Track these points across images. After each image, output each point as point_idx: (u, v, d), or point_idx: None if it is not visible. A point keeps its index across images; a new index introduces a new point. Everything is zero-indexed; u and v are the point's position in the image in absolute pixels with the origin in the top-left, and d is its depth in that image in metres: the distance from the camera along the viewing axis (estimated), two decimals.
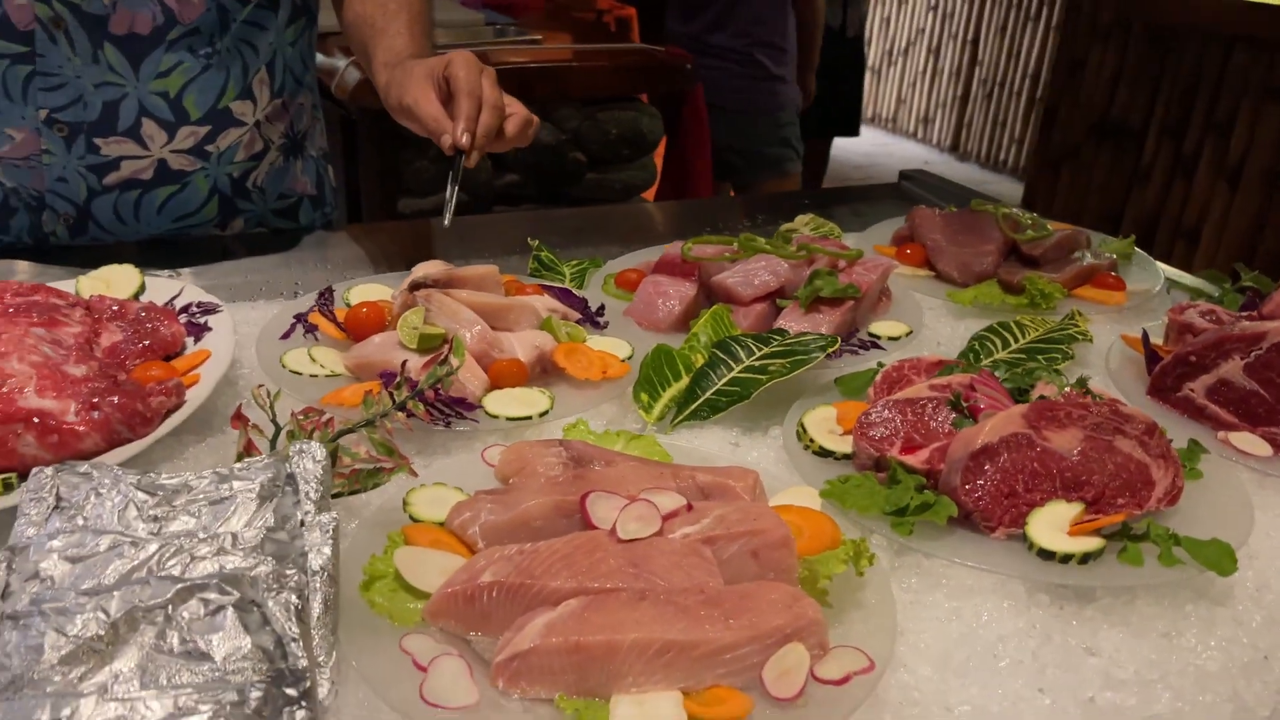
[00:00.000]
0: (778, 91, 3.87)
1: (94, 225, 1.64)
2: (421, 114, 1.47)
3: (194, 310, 1.31)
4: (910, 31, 8.81)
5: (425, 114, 1.47)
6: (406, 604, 0.91)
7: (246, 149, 1.70)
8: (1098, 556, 1.00)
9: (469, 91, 1.44)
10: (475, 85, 1.45)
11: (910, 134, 8.95)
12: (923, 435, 1.14)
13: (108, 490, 0.91)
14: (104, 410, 1.03)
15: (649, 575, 0.90)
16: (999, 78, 8.12)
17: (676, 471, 1.06)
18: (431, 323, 1.29)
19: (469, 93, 1.44)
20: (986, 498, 1.05)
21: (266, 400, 1.10)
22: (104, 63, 1.50)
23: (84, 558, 0.83)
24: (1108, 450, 1.08)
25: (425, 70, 1.49)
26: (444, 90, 1.49)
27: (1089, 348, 1.50)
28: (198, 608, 0.78)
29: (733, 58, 3.82)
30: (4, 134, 1.52)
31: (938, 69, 8.61)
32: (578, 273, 1.67)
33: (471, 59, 1.48)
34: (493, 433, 1.20)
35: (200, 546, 0.85)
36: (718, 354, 1.32)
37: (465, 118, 1.43)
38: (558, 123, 3.18)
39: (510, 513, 0.98)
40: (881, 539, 1.05)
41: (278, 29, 1.66)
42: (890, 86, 9.10)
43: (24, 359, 1.06)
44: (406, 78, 1.50)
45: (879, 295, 1.56)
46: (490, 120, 1.45)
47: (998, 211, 1.78)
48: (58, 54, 1.47)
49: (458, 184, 1.50)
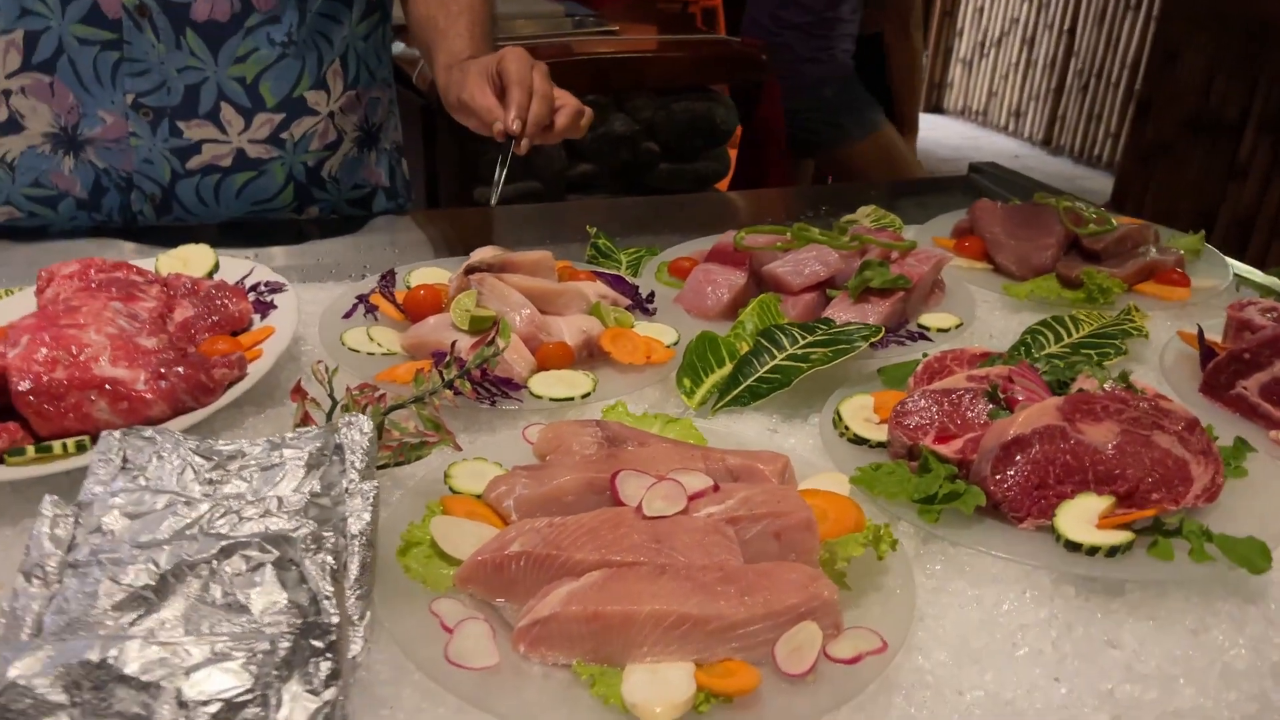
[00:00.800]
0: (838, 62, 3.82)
1: (178, 206, 1.73)
2: (476, 106, 1.54)
3: (262, 289, 1.38)
4: (1004, 21, 8.62)
5: (479, 105, 1.53)
6: (440, 570, 0.95)
7: (321, 139, 1.77)
8: (1126, 550, 1.00)
9: (519, 82, 1.50)
10: (525, 77, 1.51)
11: (1001, 127, 8.76)
12: (958, 425, 1.14)
13: (169, 454, 0.98)
14: (170, 380, 1.10)
15: (670, 551, 0.93)
16: (1096, 69, 7.90)
17: (707, 454, 1.08)
18: (483, 306, 1.34)
19: (519, 83, 1.50)
20: (1015, 488, 1.05)
21: (325, 376, 1.16)
22: (186, 49, 1.58)
23: (142, 514, 0.90)
24: (1145, 445, 1.08)
25: (480, 68, 1.56)
26: (497, 85, 1.55)
27: (1144, 344, 1.48)
28: (240, 564, 0.83)
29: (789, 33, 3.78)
30: (96, 116, 1.61)
31: (1031, 60, 8.41)
32: (634, 260, 1.70)
33: (522, 54, 1.54)
34: (537, 412, 1.24)
35: (248, 508, 0.91)
36: (762, 342, 1.34)
37: (516, 105, 1.49)
38: (632, 113, 3.22)
39: (543, 487, 1.02)
40: (909, 526, 1.06)
41: (350, 23, 1.73)
42: (981, 78, 8.91)
43: (101, 330, 1.13)
44: (464, 76, 1.57)
45: (931, 287, 1.56)
46: (540, 110, 1.51)
47: (1059, 205, 1.76)
48: (144, 41, 1.56)
49: (506, 168, 1.57)
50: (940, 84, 9.40)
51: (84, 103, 1.60)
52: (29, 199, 1.69)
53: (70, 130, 1.62)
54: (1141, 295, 1.63)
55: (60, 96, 1.59)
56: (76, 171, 1.67)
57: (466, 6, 1.68)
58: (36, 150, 1.65)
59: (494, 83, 1.55)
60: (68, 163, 1.66)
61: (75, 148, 1.64)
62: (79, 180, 1.68)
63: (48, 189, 1.68)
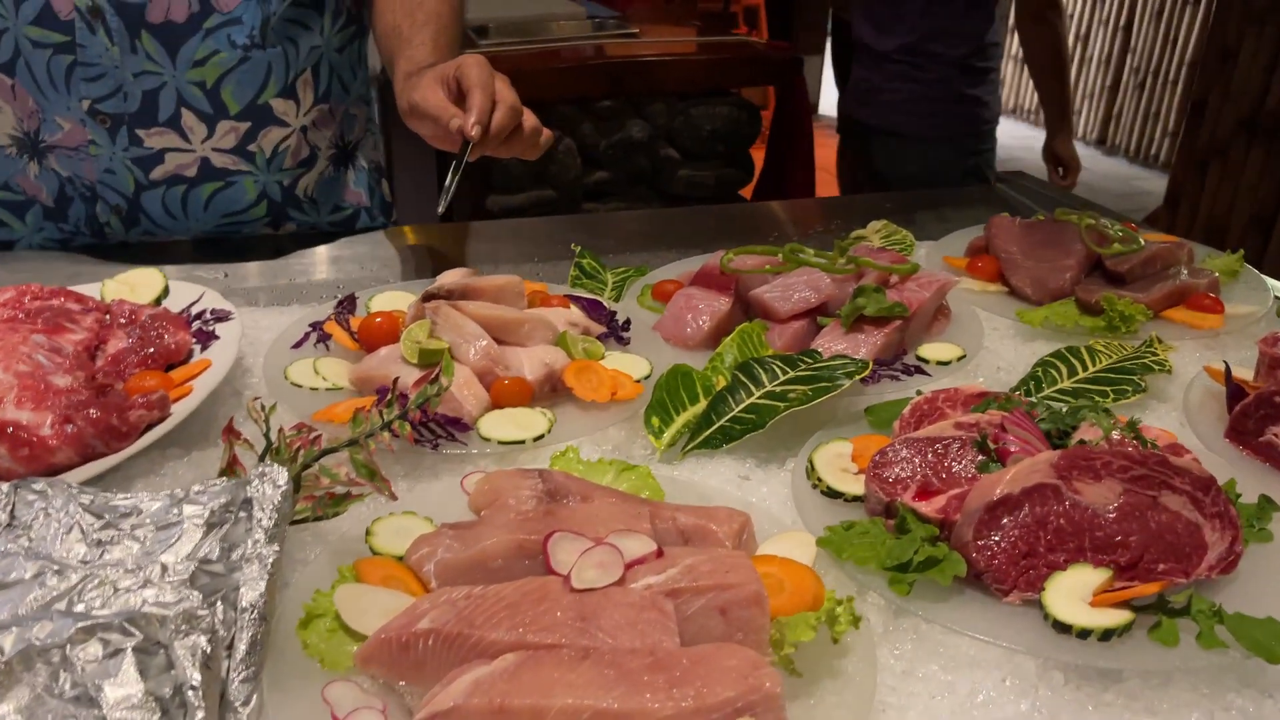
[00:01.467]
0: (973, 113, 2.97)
1: (145, 218, 1.66)
2: (429, 107, 1.42)
3: (207, 317, 1.30)
4: None
5: (433, 105, 1.42)
6: (344, 646, 0.86)
7: (294, 155, 1.69)
8: (1124, 633, 0.88)
9: (481, 86, 1.39)
10: (488, 82, 1.40)
11: None
12: (942, 480, 1.02)
13: (58, 510, 0.90)
14: (78, 424, 1.02)
15: (596, 631, 0.83)
16: (1152, 66, 7.64)
17: (657, 511, 0.98)
18: (436, 337, 1.24)
19: (482, 87, 1.39)
20: (1001, 556, 0.93)
21: (261, 414, 1.07)
22: (141, 52, 1.51)
23: (8, 585, 0.81)
24: (1151, 507, 0.95)
25: (436, 73, 1.46)
26: (454, 90, 1.44)
27: (1167, 379, 1.35)
28: (96, 649, 0.74)
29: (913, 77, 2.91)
30: (54, 122, 1.55)
31: (1086, 57, 8.15)
32: (620, 280, 1.60)
33: (482, 60, 1.44)
34: (486, 456, 1.14)
35: (125, 578, 0.82)
36: (739, 376, 1.23)
37: (478, 109, 1.37)
38: (649, 118, 3.11)
39: (468, 551, 0.92)
40: (880, 597, 0.94)
41: (322, 31, 1.65)
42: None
43: (10, 368, 1.05)
44: (418, 80, 1.47)
45: (934, 314, 1.44)
46: (504, 118, 1.39)
47: (1081, 222, 1.62)
48: (97, 44, 1.49)
49: (459, 175, 1.44)
50: None
51: (43, 107, 1.54)
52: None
53: (33, 135, 1.57)
54: (1169, 323, 1.49)
55: (21, 99, 1.53)
56: (41, 178, 1.61)
57: (433, 15, 1.59)
58: (4, 152, 1.59)
59: (450, 88, 1.45)
60: (33, 168, 1.61)
61: (38, 154, 1.59)
62: (44, 187, 1.62)
63: (16, 193, 1.63)
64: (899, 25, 2.86)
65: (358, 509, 1.02)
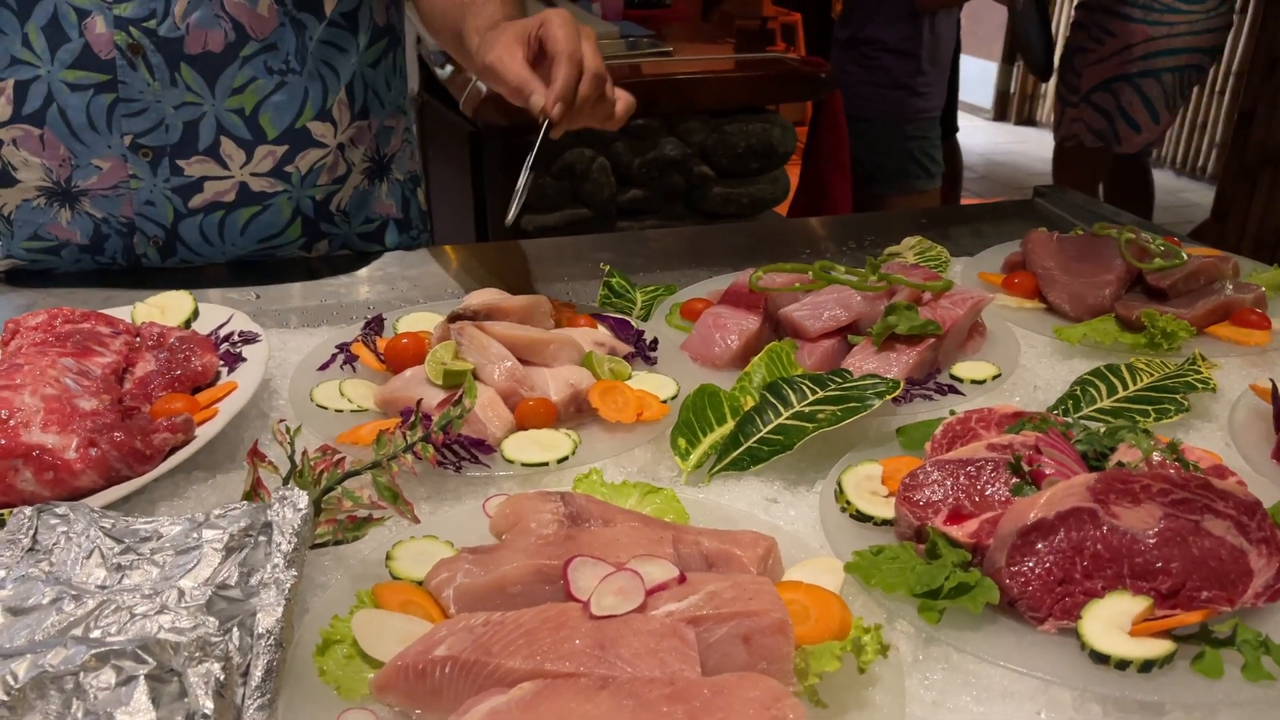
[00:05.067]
0: (903, 101, 3.62)
1: (182, 247, 1.67)
2: (508, 73, 1.32)
3: (235, 340, 1.30)
4: None
5: (509, 72, 1.32)
6: (361, 673, 0.85)
7: (329, 173, 1.70)
8: (1165, 664, 0.84)
9: (569, 54, 1.27)
10: (575, 48, 1.28)
11: None
12: (974, 503, 1.00)
13: (79, 535, 0.90)
14: (102, 447, 1.02)
15: (615, 660, 0.81)
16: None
17: (680, 535, 0.96)
18: (461, 358, 1.23)
19: (569, 55, 1.27)
20: (1035, 583, 0.90)
21: (286, 437, 1.07)
22: (181, 84, 1.52)
23: (26, 610, 0.81)
24: (1193, 532, 0.92)
25: (517, 29, 1.35)
26: (534, 50, 1.34)
27: (1211, 398, 1.30)
28: (109, 676, 0.74)
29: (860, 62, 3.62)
30: (92, 166, 1.56)
31: None
32: (649, 299, 1.58)
33: (569, 18, 1.33)
34: (509, 479, 1.13)
35: (142, 604, 0.82)
36: (767, 396, 1.21)
37: (561, 82, 1.26)
38: (683, 136, 3.10)
39: (487, 576, 0.91)
40: (909, 624, 0.92)
41: (357, 50, 1.65)
42: None
43: (38, 392, 1.06)
44: (497, 36, 1.37)
45: (968, 332, 1.41)
46: (589, 89, 1.28)
47: (1121, 236, 1.58)
48: (138, 80, 1.50)
49: (532, 170, 1.35)
50: (1033, 95, 9.06)
51: (77, 153, 1.54)
52: (30, 250, 1.66)
53: (64, 183, 1.57)
54: (1213, 339, 1.44)
55: (51, 148, 1.54)
56: (74, 223, 1.62)
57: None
58: (31, 204, 1.60)
59: (531, 47, 1.34)
60: (64, 215, 1.61)
61: (70, 200, 1.59)
62: (78, 230, 1.63)
63: (47, 240, 1.64)
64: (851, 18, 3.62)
65: (380, 532, 1.02)
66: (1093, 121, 3.93)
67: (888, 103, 3.58)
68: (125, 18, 1.46)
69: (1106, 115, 3.89)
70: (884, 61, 3.54)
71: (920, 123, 3.65)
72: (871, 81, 3.57)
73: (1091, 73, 3.86)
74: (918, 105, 3.62)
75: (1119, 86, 3.82)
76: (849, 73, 3.60)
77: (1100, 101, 3.89)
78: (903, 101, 3.59)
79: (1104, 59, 3.80)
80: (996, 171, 7.78)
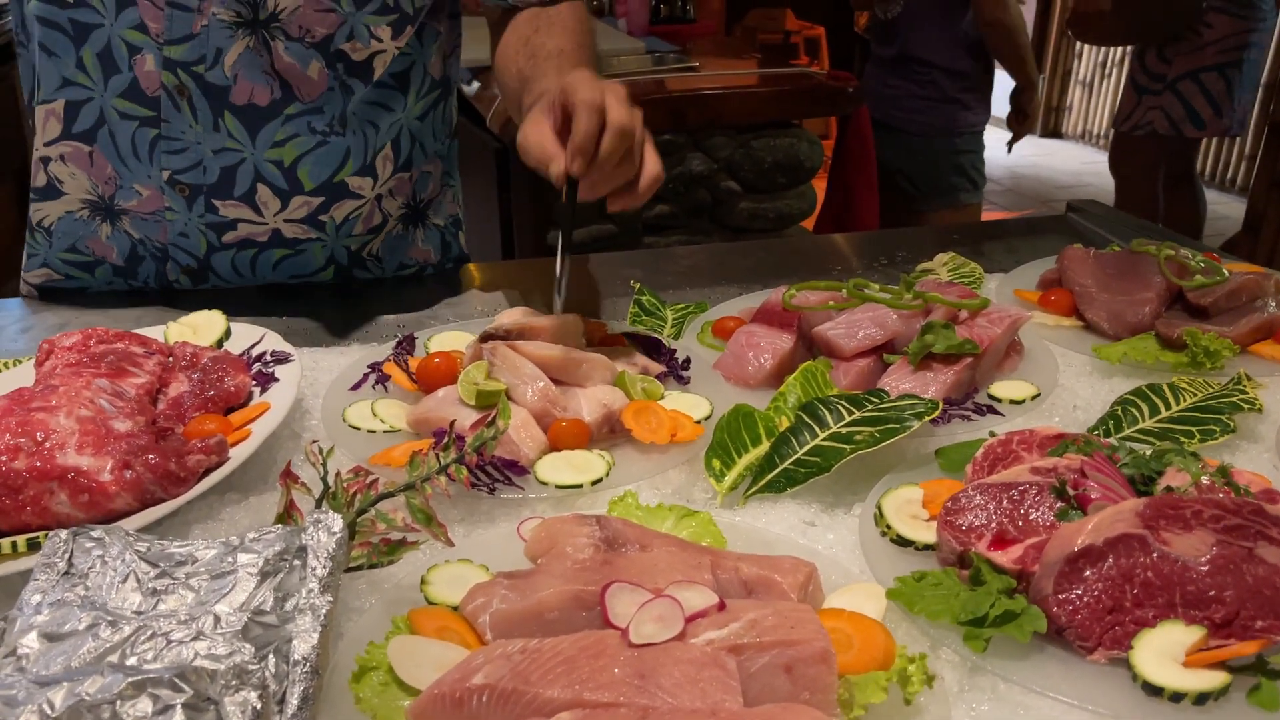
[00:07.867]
0: (953, 115, 3.65)
1: (214, 275, 1.68)
2: (530, 148, 1.25)
3: (267, 359, 1.30)
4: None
5: (532, 144, 1.25)
6: (396, 701, 0.84)
7: (365, 222, 1.68)
8: (1221, 696, 0.82)
9: (588, 103, 1.18)
10: (595, 97, 1.19)
11: None
12: (1019, 528, 0.98)
13: (114, 559, 0.89)
14: (137, 470, 1.02)
15: (655, 690, 0.79)
16: None
17: (719, 560, 0.94)
18: (494, 378, 1.22)
19: (588, 104, 1.18)
20: (1084, 611, 0.88)
21: (319, 458, 1.06)
22: (224, 130, 1.51)
23: (62, 636, 0.81)
24: (1246, 560, 0.89)
25: (544, 103, 1.29)
26: (559, 120, 1.26)
27: (1257, 418, 1.28)
28: (146, 705, 0.73)
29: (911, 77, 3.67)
30: (133, 189, 1.56)
31: None
32: (680, 317, 1.57)
33: (592, 76, 1.27)
34: (543, 501, 1.12)
35: (178, 629, 0.81)
36: (803, 417, 1.20)
37: (582, 134, 1.18)
38: (709, 151, 3.09)
39: (524, 602, 0.90)
40: (954, 653, 0.90)
41: (405, 108, 1.63)
42: (1102, 101, 8.51)
43: (73, 413, 1.06)
44: (529, 115, 1.31)
45: (1006, 351, 1.39)
46: (612, 144, 1.18)
47: (1160, 253, 1.56)
48: (181, 120, 1.50)
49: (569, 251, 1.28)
50: (1058, 107, 9.01)
51: (121, 175, 1.55)
52: (66, 263, 1.66)
53: (107, 200, 1.58)
54: (1257, 358, 1.42)
55: (99, 166, 1.55)
56: (113, 239, 1.63)
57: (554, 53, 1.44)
58: (74, 216, 1.61)
59: (556, 116, 1.26)
60: (104, 229, 1.62)
61: (112, 216, 1.60)
62: (115, 247, 1.64)
63: (84, 254, 1.65)
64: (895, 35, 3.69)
65: (413, 555, 1.01)
66: (1172, 109, 4.14)
67: (943, 117, 3.64)
68: (175, 60, 1.45)
69: (1186, 102, 4.12)
70: (934, 77, 3.61)
71: (970, 136, 3.73)
72: (924, 96, 3.63)
73: (1182, 61, 4.06)
74: (969, 119, 3.70)
75: (1208, 76, 4.08)
76: (895, 87, 3.67)
77: (1184, 90, 4.11)
78: (955, 115, 3.66)
79: (1198, 49, 4.05)
80: (1022, 184, 7.73)
